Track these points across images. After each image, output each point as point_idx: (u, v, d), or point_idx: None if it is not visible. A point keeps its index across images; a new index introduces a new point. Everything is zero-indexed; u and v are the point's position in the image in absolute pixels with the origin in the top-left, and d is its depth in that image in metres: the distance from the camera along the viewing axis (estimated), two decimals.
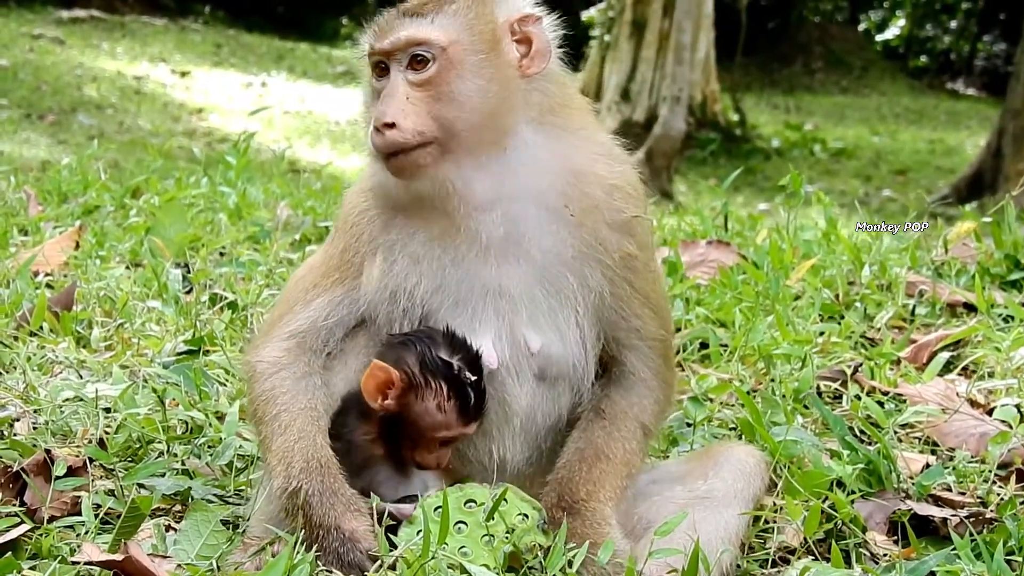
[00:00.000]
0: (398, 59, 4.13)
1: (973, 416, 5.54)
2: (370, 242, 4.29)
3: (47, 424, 5.09)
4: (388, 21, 4.18)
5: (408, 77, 4.10)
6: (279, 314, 4.41)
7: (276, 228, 8.84)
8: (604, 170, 4.32)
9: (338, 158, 25.45)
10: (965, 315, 7.01)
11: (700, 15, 32.48)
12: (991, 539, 4.38)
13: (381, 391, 4.12)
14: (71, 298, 6.49)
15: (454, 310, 4.24)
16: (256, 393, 4.25)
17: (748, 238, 8.97)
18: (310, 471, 4.03)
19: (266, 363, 4.26)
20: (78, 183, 10.20)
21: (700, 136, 34.28)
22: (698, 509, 4.23)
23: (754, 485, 4.37)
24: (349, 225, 4.36)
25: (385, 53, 4.14)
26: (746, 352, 6.29)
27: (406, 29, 4.12)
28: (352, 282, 4.31)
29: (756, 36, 43.93)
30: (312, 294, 4.33)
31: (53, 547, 4.05)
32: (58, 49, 34.11)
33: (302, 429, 4.12)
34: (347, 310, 4.31)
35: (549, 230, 4.22)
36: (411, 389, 4.11)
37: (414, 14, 4.16)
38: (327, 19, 46.15)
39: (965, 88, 50.26)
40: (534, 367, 4.30)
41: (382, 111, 4.07)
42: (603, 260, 4.26)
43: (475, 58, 4.14)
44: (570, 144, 4.28)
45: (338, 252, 4.35)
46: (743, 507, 4.31)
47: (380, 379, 4.11)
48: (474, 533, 3.97)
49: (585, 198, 4.25)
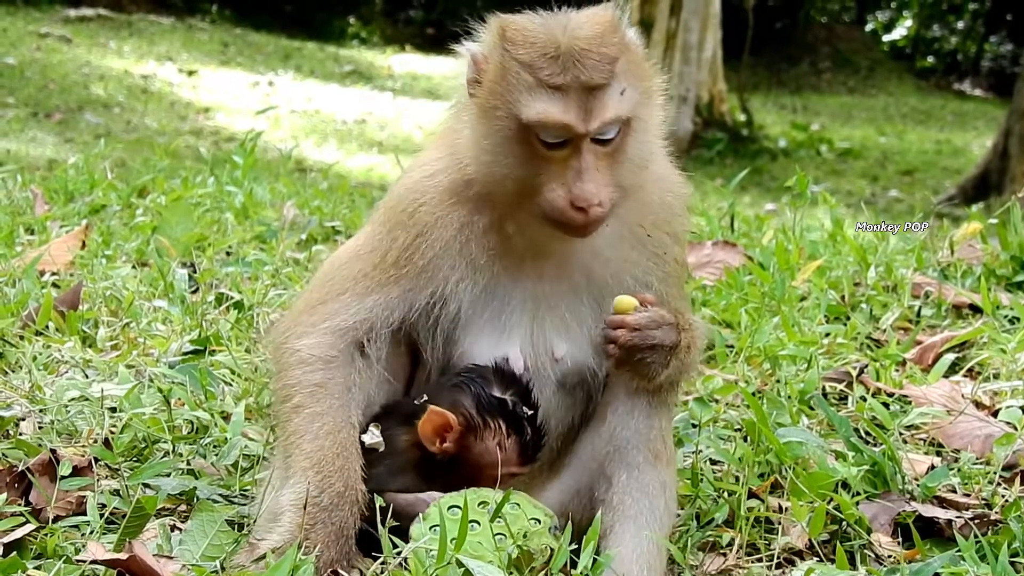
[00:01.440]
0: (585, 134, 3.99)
1: (978, 418, 5.54)
2: (444, 247, 4.21)
3: (52, 424, 5.10)
4: (568, 86, 3.95)
5: (595, 149, 3.98)
6: (320, 297, 4.31)
7: (283, 228, 8.83)
8: (669, 177, 4.40)
9: (345, 157, 25.48)
10: (971, 316, 7.01)
11: (707, 15, 32.49)
12: (996, 541, 4.39)
13: (439, 435, 4.14)
14: (77, 297, 6.49)
15: (488, 311, 4.26)
16: (295, 381, 4.17)
17: (754, 239, 8.96)
18: (344, 499, 4.02)
19: (313, 356, 4.18)
20: (84, 182, 10.20)
21: (707, 136, 34.21)
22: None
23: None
24: (410, 219, 4.24)
25: (582, 136, 3.96)
26: (752, 353, 6.28)
27: (610, 111, 3.96)
28: (411, 282, 4.21)
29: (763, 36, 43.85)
30: (364, 286, 4.24)
31: (58, 547, 4.05)
32: (65, 48, 34.11)
33: (344, 446, 4.09)
34: (402, 314, 4.24)
35: (614, 243, 4.23)
36: (470, 431, 4.15)
37: (601, 87, 3.96)
38: (335, 18, 46.09)
39: (972, 89, 50.16)
40: (557, 373, 4.33)
41: (589, 191, 3.93)
42: (663, 269, 4.32)
43: (644, 114, 4.11)
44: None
45: (397, 247, 4.22)
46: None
47: (437, 423, 4.13)
48: (485, 533, 3.97)
49: (659, 210, 4.30)
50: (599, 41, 3.99)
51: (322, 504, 3.97)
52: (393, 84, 36.68)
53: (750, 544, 4.54)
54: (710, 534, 4.57)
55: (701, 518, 4.63)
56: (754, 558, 4.48)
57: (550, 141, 3.96)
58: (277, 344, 4.32)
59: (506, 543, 3.95)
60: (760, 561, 4.45)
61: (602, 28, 4.03)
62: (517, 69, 3.99)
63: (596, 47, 3.98)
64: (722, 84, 35.30)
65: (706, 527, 4.57)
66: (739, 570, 4.38)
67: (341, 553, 3.96)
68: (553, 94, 3.94)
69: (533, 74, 3.96)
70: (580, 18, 4.06)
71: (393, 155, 14.59)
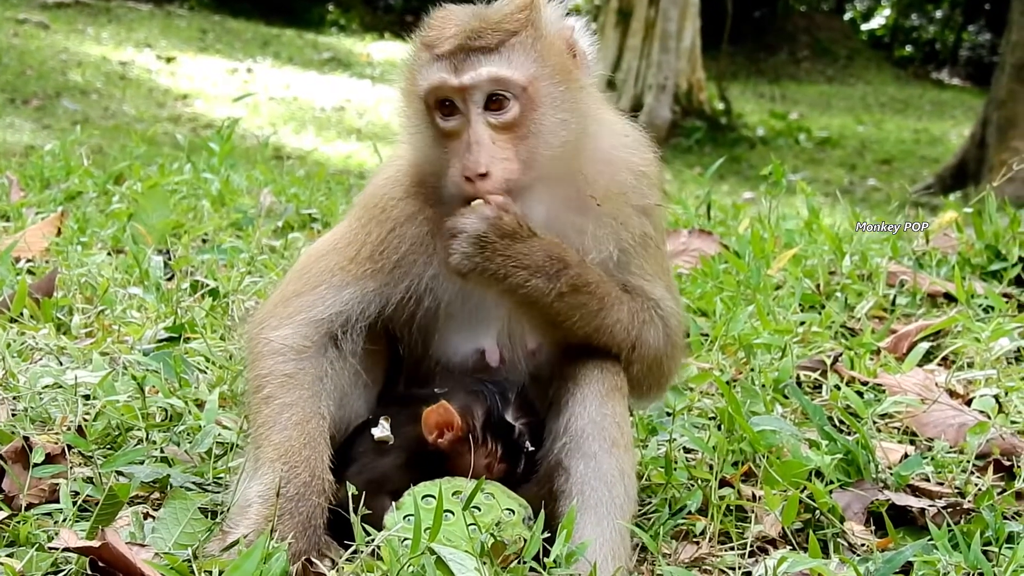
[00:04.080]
0: (474, 98, 4.04)
1: (952, 406, 5.57)
2: (417, 242, 4.23)
3: (26, 411, 5.08)
4: (453, 51, 4.05)
5: (489, 119, 4.03)
6: (296, 289, 4.32)
7: (259, 215, 8.82)
8: (632, 156, 4.38)
9: (323, 144, 25.43)
10: (945, 305, 7.04)
11: (686, 4, 32.51)
12: (968, 529, 4.41)
13: (439, 430, 4.15)
14: (52, 284, 6.47)
15: (464, 305, 4.28)
16: (267, 371, 4.19)
17: (731, 227, 8.98)
18: (311, 488, 4.02)
19: (286, 346, 4.20)
20: (61, 169, 10.17)
21: (685, 125, 34.24)
22: None
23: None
24: (382, 214, 4.27)
25: (461, 90, 4.04)
26: (727, 342, 6.30)
27: (485, 66, 4.03)
28: (387, 276, 4.23)
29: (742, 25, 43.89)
30: (339, 279, 4.26)
31: (31, 534, 4.03)
32: (43, 34, 33.94)
33: (312, 436, 4.09)
34: (378, 308, 4.26)
35: (572, 223, 4.23)
36: (467, 440, 4.15)
37: (484, 48, 4.04)
38: (313, 5, 45.98)
39: (950, 78, 50.27)
40: (531, 367, 4.36)
41: (475, 161, 3.98)
42: (622, 237, 4.29)
43: (555, 92, 4.12)
44: (599, 135, 4.30)
45: (372, 242, 4.26)
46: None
47: (443, 420, 4.15)
48: (459, 523, 3.97)
49: (613, 184, 4.28)
50: (500, 17, 4.11)
51: (288, 494, 3.98)
52: (372, 71, 36.59)
53: (723, 532, 4.54)
54: (683, 522, 4.56)
55: (674, 506, 4.62)
56: (727, 546, 4.48)
57: (440, 113, 4.07)
58: (251, 335, 4.33)
59: (479, 533, 3.96)
60: (733, 550, 4.45)
61: (512, 8, 4.14)
62: (419, 50, 4.14)
63: (493, 22, 4.09)
64: (701, 73, 35.33)
65: (678, 515, 4.57)
66: (712, 558, 4.38)
67: (310, 543, 3.97)
68: (439, 61, 4.07)
69: (429, 51, 4.10)
70: (503, 1, 4.18)
71: (371, 143, 14.54)
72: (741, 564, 4.34)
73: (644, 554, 4.37)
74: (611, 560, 4.10)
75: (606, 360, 4.32)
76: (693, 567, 4.32)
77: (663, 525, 4.50)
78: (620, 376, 4.34)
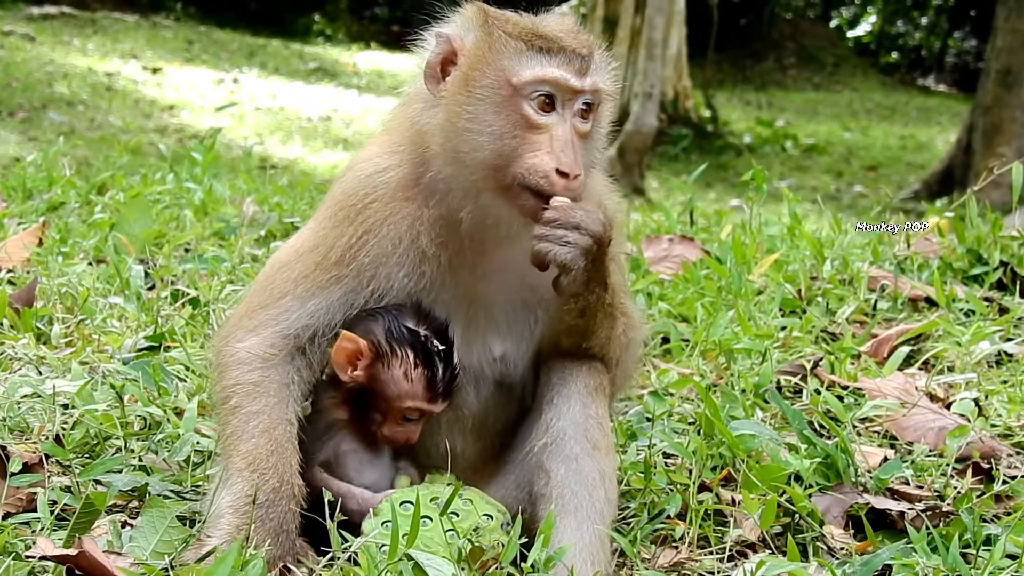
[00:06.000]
0: (577, 102, 4.08)
1: (932, 410, 5.58)
2: (393, 244, 4.20)
3: (4, 420, 5.06)
4: (572, 53, 4.08)
5: (575, 124, 4.06)
6: (260, 302, 4.28)
7: (242, 224, 8.80)
8: (605, 190, 4.47)
9: (309, 154, 25.44)
10: (926, 310, 7.05)
11: (672, 11, 32.54)
12: (947, 532, 4.42)
13: (351, 362, 4.18)
14: (32, 294, 6.46)
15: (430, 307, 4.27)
16: (233, 382, 4.17)
17: (713, 233, 8.99)
18: (280, 494, 4.02)
19: (252, 355, 4.18)
20: (43, 179, 10.17)
21: (672, 132, 34.34)
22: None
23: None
24: (359, 215, 4.22)
25: (575, 91, 4.07)
26: (707, 347, 6.31)
27: (596, 75, 4.13)
28: (354, 281, 4.20)
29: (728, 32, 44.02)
30: (304, 288, 4.22)
31: (8, 543, 4.02)
32: (28, 46, 33.93)
33: (279, 442, 4.08)
34: (343, 315, 4.23)
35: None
36: (378, 359, 4.17)
37: (591, 57, 4.14)
38: (300, 15, 46.02)
39: (936, 84, 50.46)
40: (496, 372, 4.36)
41: (574, 161, 3.99)
42: None
43: (606, 115, 4.25)
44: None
45: (342, 244, 4.21)
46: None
47: (349, 350, 4.16)
48: (436, 529, 3.97)
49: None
50: (575, 29, 4.21)
51: (258, 502, 3.97)
52: (358, 81, 36.67)
53: (702, 537, 4.54)
54: (662, 527, 4.56)
55: (653, 510, 4.63)
56: (706, 551, 4.48)
57: (540, 106, 4.03)
58: (217, 347, 4.32)
59: (457, 539, 3.96)
60: (712, 554, 4.45)
61: (572, 24, 4.23)
62: (506, 39, 4.08)
63: (575, 32, 4.18)
64: (687, 80, 35.44)
65: (657, 519, 4.57)
66: (691, 563, 4.38)
67: (284, 548, 3.96)
68: (546, 54, 4.06)
69: (524, 41, 4.07)
70: (548, 17, 4.23)
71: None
72: (720, 568, 4.34)
73: (623, 559, 4.37)
74: (590, 565, 4.09)
75: (593, 359, 4.36)
76: (672, 572, 4.32)
77: (642, 530, 4.51)
78: (604, 376, 4.38)
